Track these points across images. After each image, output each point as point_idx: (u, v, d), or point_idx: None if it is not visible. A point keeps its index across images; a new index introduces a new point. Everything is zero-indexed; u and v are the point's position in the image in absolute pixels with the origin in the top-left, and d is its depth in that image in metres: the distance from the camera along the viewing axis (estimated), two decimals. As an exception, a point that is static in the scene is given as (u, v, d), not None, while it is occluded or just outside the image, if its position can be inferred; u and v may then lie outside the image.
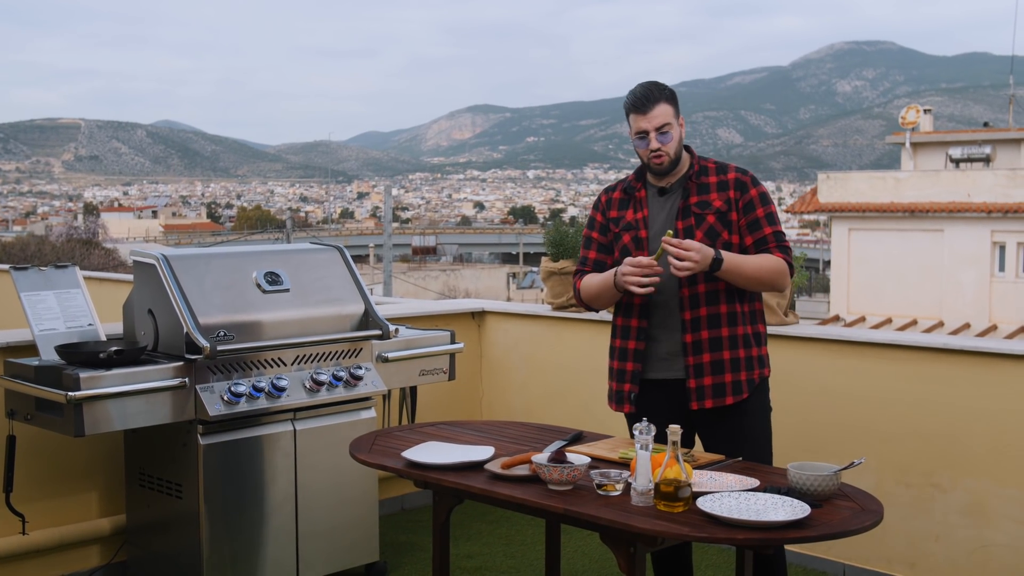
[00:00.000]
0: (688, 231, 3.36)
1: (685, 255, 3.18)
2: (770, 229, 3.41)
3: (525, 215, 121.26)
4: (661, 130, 3.34)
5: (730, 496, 2.72)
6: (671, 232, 3.24)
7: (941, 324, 21.24)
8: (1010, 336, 19.75)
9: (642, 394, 3.44)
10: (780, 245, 3.41)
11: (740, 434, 3.39)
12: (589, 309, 3.60)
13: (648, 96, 3.34)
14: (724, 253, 3.29)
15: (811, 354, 4.46)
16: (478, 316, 5.71)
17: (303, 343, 4.08)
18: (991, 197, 21.45)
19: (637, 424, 2.79)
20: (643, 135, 3.36)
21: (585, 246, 3.58)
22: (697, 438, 3.51)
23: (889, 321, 21.50)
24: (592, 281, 3.49)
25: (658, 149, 3.34)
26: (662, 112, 3.33)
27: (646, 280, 3.24)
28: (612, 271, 3.38)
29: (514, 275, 48.53)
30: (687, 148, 3.45)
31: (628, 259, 3.29)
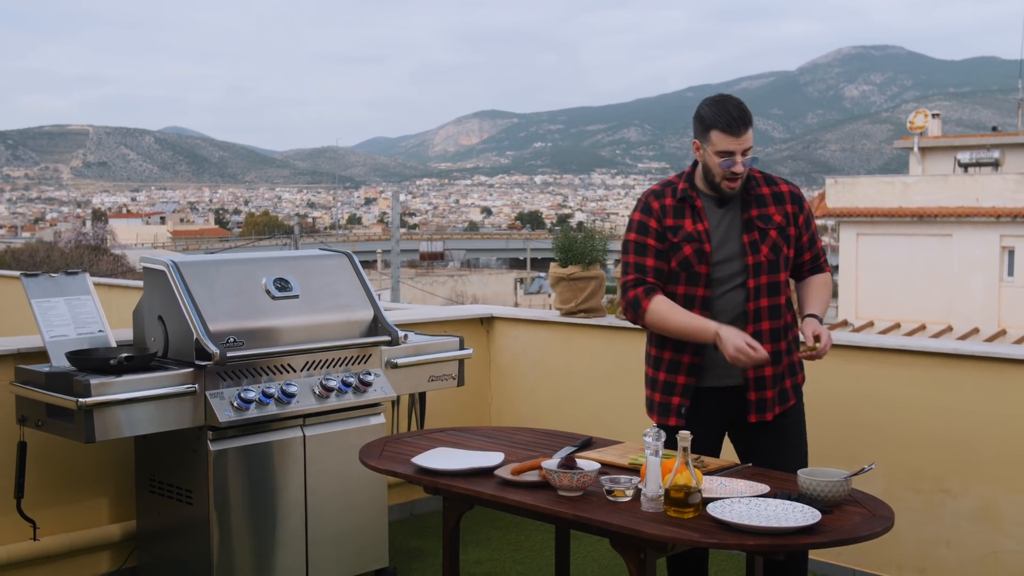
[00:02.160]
0: (753, 245, 3.33)
1: (826, 351, 3.28)
2: (820, 243, 3.51)
3: (532, 220, 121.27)
4: (747, 154, 3.27)
5: (740, 502, 2.72)
6: (805, 344, 3.29)
7: (950, 329, 21.19)
8: (1019, 341, 19.68)
9: (693, 405, 3.41)
10: (825, 257, 3.54)
11: (782, 439, 3.41)
12: (639, 325, 3.42)
13: (743, 119, 3.24)
14: (817, 312, 3.39)
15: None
16: (487, 322, 5.71)
17: (312, 349, 4.09)
18: (1000, 201, 21.40)
19: (647, 430, 2.79)
20: (728, 155, 3.25)
21: (639, 253, 3.39)
22: (728, 443, 3.50)
23: (897, 326, 21.45)
24: (674, 317, 3.29)
25: (741, 172, 3.27)
26: (750, 136, 3.27)
27: (762, 359, 3.20)
28: (708, 324, 3.22)
29: (522, 280, 48.54)
30: None
31: (744, 343, 3.15)
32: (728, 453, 3.52)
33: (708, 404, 3.40)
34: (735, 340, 3.16)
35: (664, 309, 3.31)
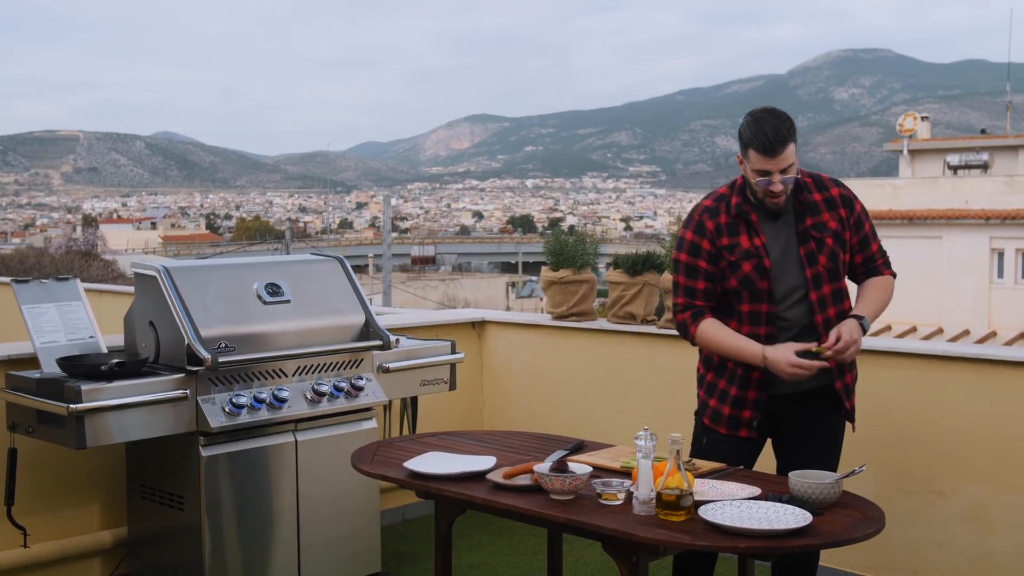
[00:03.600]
0: (811, 257, 3.27)
1: (848, 349, 3.17)
2: (876, 245, 3.41)
3: (524, 224, 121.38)
4: (785, 172, 3.19)
5: (732, 504, 2.72)
6: (816, 345, 3.19)
7: (940, 331, 21.25)
8: (1009, 342, 19.74)
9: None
10: (886, 260, 3.45)
11: (834, 436, 3.42)
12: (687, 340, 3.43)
13: (779, 138, 3.15)
14: (863, 312, 3.28)
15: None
16: (478, 326, 5.71)
17: (304, 354, 4.09)
18: (989, 204, 21.49)
19: (638, 433, 2.80)
20: (765, 174, 3.19)
21: (688, 275, 3.33)
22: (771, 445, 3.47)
23: (888, 328, 21.50)
24: (723, 340, 3.28)
25: (781, 191, 3.21)
26: (789, 154, 3.17)
27: (810, 373, 3.18)
28: (755, 349, 3.21)
29: (513, 284, 48.56)
30: None
31: (790, 360, 3.13)
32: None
33: (779, 410, 3.35)
34: (786, 357, 3.14)
35: (711, 334, 3.30)
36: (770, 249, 3.27)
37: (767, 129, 3.16)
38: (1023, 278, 21.45)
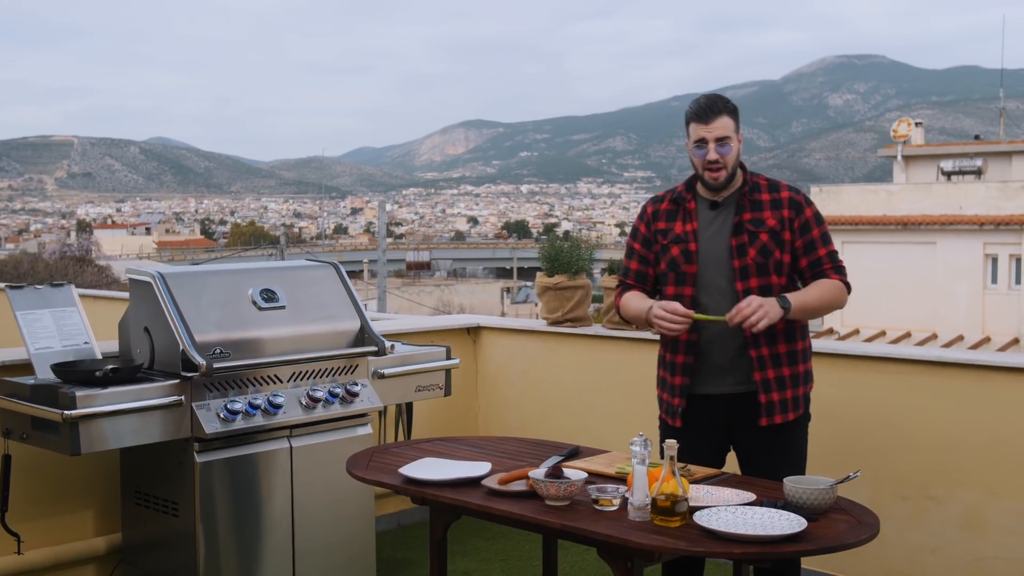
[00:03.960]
0: (741, 248, 3.35)
1: (753, 314, 3.17)
2: (824, 250, 3.44)
3: (519, 230, 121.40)
4: (721, 141, 3.33)
5: (727, 510, 2.72)
6: (721, 318, 3.24)
7: (935, 336, 21.30)
8: (1003, 348, 19.80)
9: (694, 409, 3.43)
10: (835, 266, 3.45)
11: (786, 448, 3.41)
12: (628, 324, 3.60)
13: (712, 107, 3.34)
14: (789, 297, 3.29)
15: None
16: (473, 332, 5.72)
17: (299, 360, 4.08)
18: (983, 209, 21.55)
19: (633, 439, 2.80)
20: (702, 144, 3.35)
21: (627, 256, 3.57)
22: (734, 455, 3.50)
23: (883, 334, 21.55)
24: (631, 303, 3.49)
25: (716, 160, 3.33)
26: (723, 124, 3.33)
27: (677, 328, 3.25)
28: (648, 304, 3.36)
29: (508, 290, 48.55)
30: (740, 165, 3.43)
31: (663, 304, 3.28)
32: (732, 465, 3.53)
33: (709, 411, 3.41)
34: (662, 304, 3.29)
35: (626, 300, 3.52)
36: (700, 236, 3.40)
37: (702, 100, 3.39)
38: (1017, 284, 21.51)
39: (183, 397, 3.77)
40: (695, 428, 3.38)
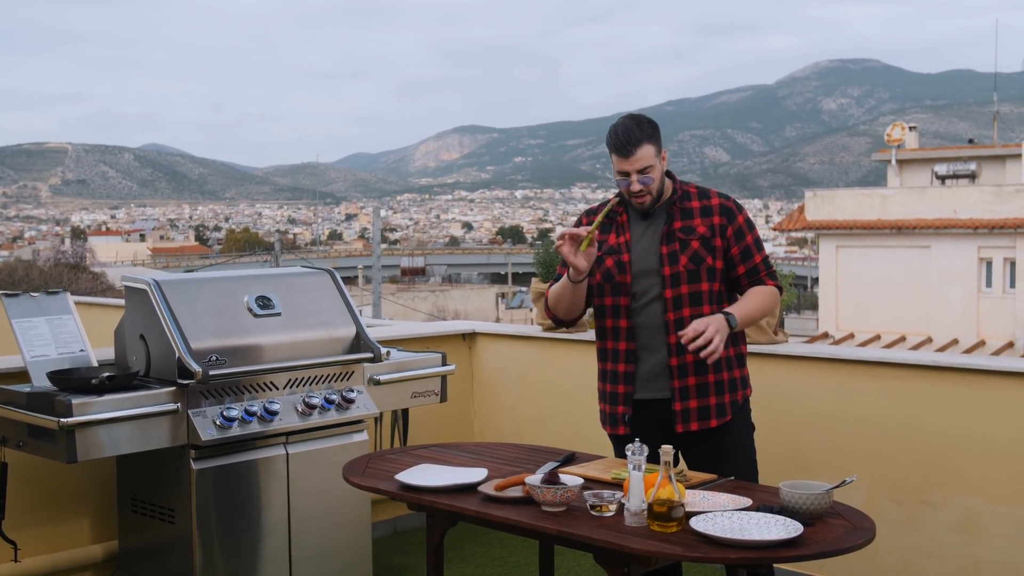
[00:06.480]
0: (672, 256, 3.38)
1: (704, 337, 3.18)
2: (760, 257, 3.47)
3: (513, 235, 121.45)
4: (643, 172, 3.34)
5: (723, 515, 2.73)
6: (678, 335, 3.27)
7: (929, 340, 21.32)
8: (998, 352, 19.84)
9: (638, 416, 3.46)
10: (770, 272, 3.49)
11: (724, 453, 3.43)
12: (556, 322, 3.60)
13: (630, 139, 3.32)
14: (733, 311, 3.32)
15: (800, 372, 4.48)
16: (469, 338, 5.72)
17: (295, 367, 4.09)
18: (977, 213, 21.58)
19: (630, 445, 2.80)
20: (625, 175, 3.37)
21: (562, 265, 3.55)
22: (681, 457, 3.52)
23: (878, 338, 21.57)
24: (553, 288, 3.55)
25: (640, 190, 3.36)
26: (643, 154, 3.33)
27: (577, 230, 3.30)
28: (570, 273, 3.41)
29: (503, 295, 48.55)
30: (668, 173, 3.47)
31: (568, 231, 3.33)
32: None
33: (647, 417, 3.45)
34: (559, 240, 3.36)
35: (550, 291, 3.55)
36: (633, 246, 3.43)
37: (620, 132, 3.35)
38: (1011, 287, 21.55)
39: (179, 404, 3.78)
40: (642, 434, 3.34)
